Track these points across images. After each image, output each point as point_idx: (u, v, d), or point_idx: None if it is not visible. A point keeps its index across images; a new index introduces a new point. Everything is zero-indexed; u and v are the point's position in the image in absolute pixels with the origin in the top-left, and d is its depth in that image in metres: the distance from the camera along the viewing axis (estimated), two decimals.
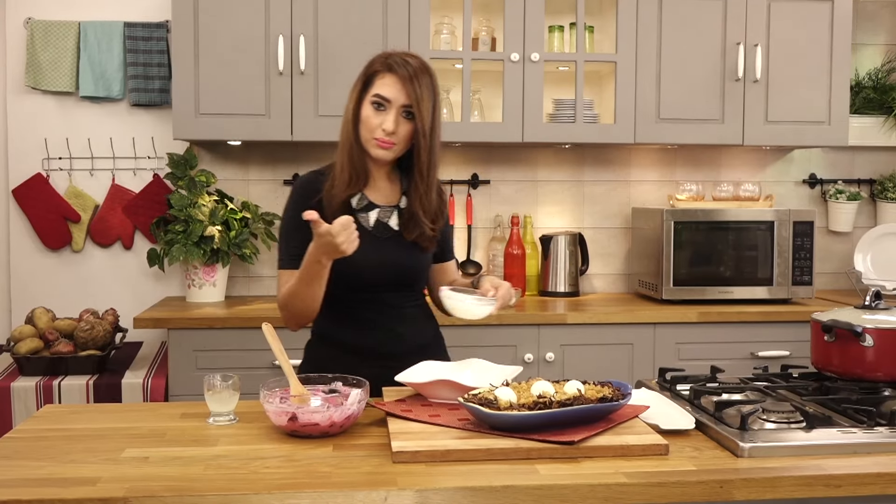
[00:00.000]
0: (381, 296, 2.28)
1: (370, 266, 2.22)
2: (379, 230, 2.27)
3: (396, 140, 2.19)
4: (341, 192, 2.22)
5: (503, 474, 1.56)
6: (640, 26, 3.81)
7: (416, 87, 2.16)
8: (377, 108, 2.18)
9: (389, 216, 2.28)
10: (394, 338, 2.29)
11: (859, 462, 1.63)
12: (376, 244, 2.24)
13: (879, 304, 2.10)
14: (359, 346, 2.27)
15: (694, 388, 2.00)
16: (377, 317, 2.28)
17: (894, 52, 4.44)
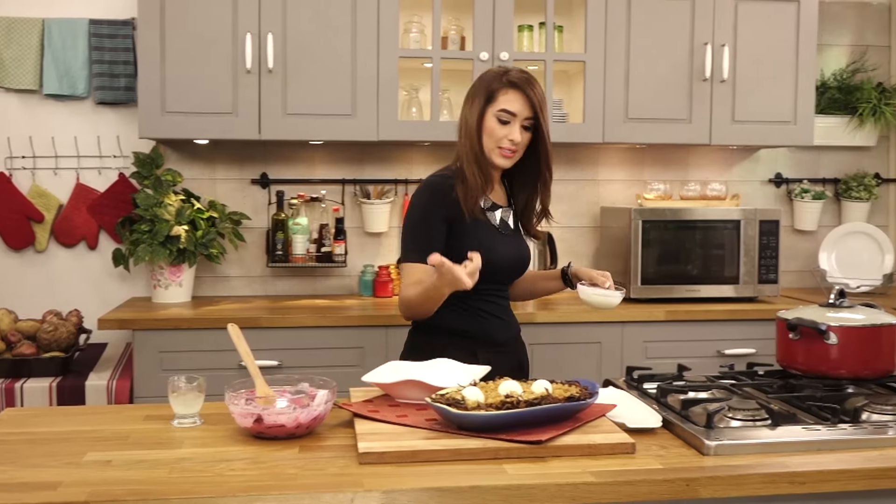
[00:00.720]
0: (497, 287, 2.50)
1: (507, 260, 2.47)
2: (503, 227, 2.48)
3: (518, 149, 2.41)
4: (476, 196, 2.41)
5: (471, 474, 1.55)
6: (608, 26, 3.82)
7: (537, 100, 2.37)
8: (502, 122, 2.37)
9: (508, 216, 2.51)
10: (503, 326, 2.51)
11: (823, 459, 1.64)
12: (505, 240, 2.47)
13: (843, 303, 2.12)
14: (476, 332, 2.44)
15: (661, 387, 2.01)
16: (491, 306, 2.48)
17: (859, 53, 4.49)
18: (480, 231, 2.41)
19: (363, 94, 3.68)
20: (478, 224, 2.41)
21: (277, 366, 3.39)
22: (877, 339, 2.03)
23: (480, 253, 2.21)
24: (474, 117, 2.40)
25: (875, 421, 1.82)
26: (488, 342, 2.45)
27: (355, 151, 4.09)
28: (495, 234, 2.44)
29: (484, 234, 2.41)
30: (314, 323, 3.45)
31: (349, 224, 4.07)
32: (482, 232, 2.41)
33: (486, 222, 2.43)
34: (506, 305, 2.56)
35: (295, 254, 3.91)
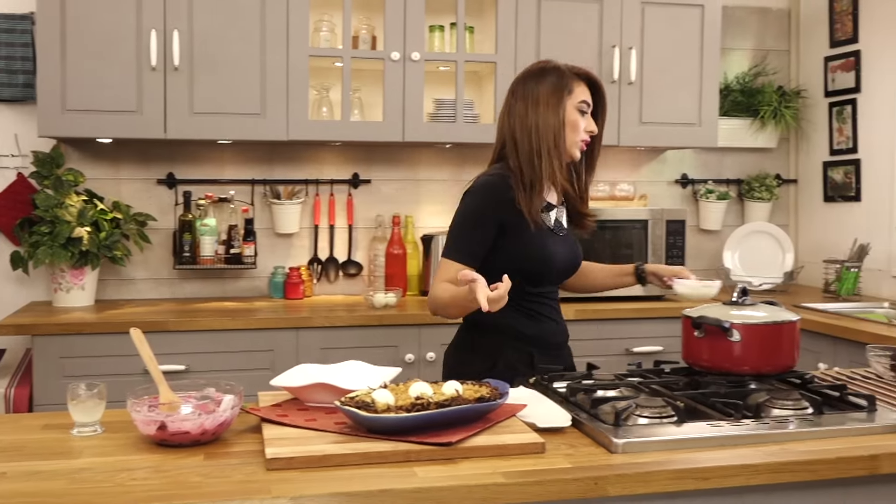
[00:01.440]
0: (552, 288, 2.49)
1: (564, 262, 2.45)
2: (557, 228, 2.45)
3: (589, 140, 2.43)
4: (546, 196, 2.39)
5: (380, 478, 1.54)
6: (518, 28, 3.85)
7: (604, 93, 2.47)
8: (581, 115, 2.39)
9: (561, 215, 2.49)
10: (557, 329, 2.49)
11: (727, 454, 1.67)
12: (560, 241, 2.44)
13: (746, 301, 2.17)
14: (532, 335, 2.42)
15: (570, 386, 2.02)
16: (547, 309, 2.46)
17: (760, 57, 4.62)
18: (540, 233, 2.36)
19: (273, 93, 3.63)
20: (539, 227, 2.35)
21: (185, 370, 3.32)
22: (778, 335, 2.08)
23: (538, 256, 2.33)
24: (559, 115, 2.34)
25: (776, 416, 1.86)
26: (544, 345, 2.44)
27: (265, 151, 4.04)
28: (551, 236, 2.41)
29: (541, 237, 2.36)
30: (223, 326, 3.39)
31: (259, 225, 4.01)
32: (539, 235, 2.36)
33: (542, 223, 2.38)
34: (558, 308, 2.52)
35: (203, 255, 3.84)
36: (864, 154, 4.26)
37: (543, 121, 2.34)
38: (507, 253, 2.34)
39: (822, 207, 4.53)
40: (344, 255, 4.15)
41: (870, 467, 1.67)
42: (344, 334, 3.48)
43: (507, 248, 2.34)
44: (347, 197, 4.13)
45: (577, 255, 2.52)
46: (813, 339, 3.40)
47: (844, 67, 4.35)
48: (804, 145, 4.64)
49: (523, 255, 2.34)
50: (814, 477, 1.64)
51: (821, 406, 1.90)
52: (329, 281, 4.13)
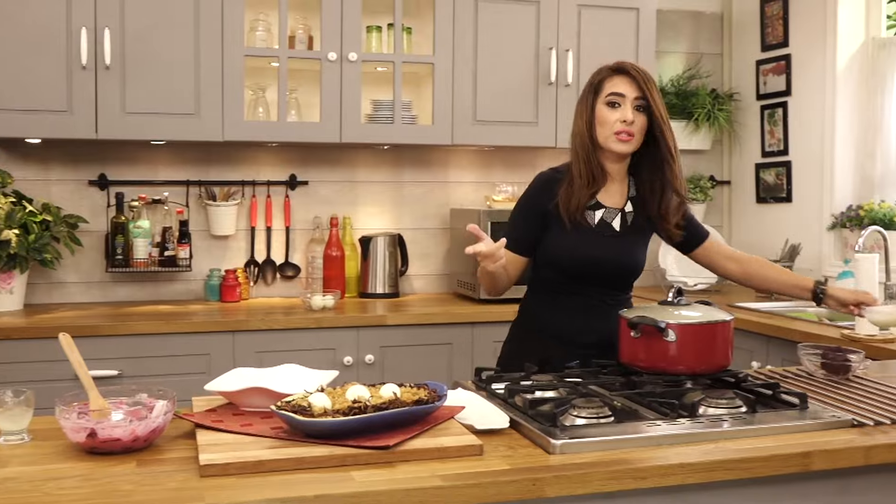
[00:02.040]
0: (590, 289, 2.47)
1: (586, 259, 2.44)
2: (601, 228, 2.45)
3: (635, 130, 2.38)
4: (582, 193, 2.42)
5: (317, 483, 1.52)
6: (456, 29, 3.85)
7: (643, 79, 2.38)
8: (612, 107, 2.38)
9: (614, 217, 2.47)
10: (586, 328, 2.46)
11: (663, 453, 1.68)
12: (595, 241, 2.44)
13: (681, 301, 2.19)
14: (559, 329, 2.49)
15: (509, 387, 2.02)
16: (577, 305, 2.47)
17: (694, 60, 4.69)
18: (573, 230, 2.43)
19: (207, 93, 3.57)
20: (575, 224, 2.42)
21: (117, 375, 3.26)
22: (712, 335, 2.11)
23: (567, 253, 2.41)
24: (585, 114, 2.43)
25: (711, 415, 1.88)
26: (570, 342, 2.46)
27: (200, 152, 3.98)
28: (586, 234, 2.43)
29: (574, 233, 2.43)
30: (157, 330, 3.33)
31: (194, 227, 3.95)
32: (573, 231, 2.43)
33: (582, 221, 2.42)
34: (600, 308, 2.47)
35: (136, 258, 3.77)
36: (794, 156, 4.35)
37: (576, 125, 2.47)
38: (544, 245, 2.47)
39: (755, 208, 4.61)
40: (281, 257, 4.11)
41: (802, 464, 1.70)
42: (281, 337, 3.44)
43: (545, 241, 2.46)
44: (284, 198, 4.09)
45: (614, 261, 2.46)
46: (746, 338, 3.45)
47: (775, 71, 4.43)
48: (737, 147, 4.72)
49: (554, 250, 2.45)
50: (748, 475, 1.66)
51: (754, 405, 1.92)
52: (266, 283, 4.08)
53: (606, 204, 2.48)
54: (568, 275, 2.47)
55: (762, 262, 2.65)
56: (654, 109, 2.38)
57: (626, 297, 2.57)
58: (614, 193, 2.50)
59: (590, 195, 2.44)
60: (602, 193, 2.48)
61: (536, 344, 2.50)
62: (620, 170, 2.49)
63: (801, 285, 2.56)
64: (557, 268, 2.47)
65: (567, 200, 2.42)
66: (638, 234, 2.51)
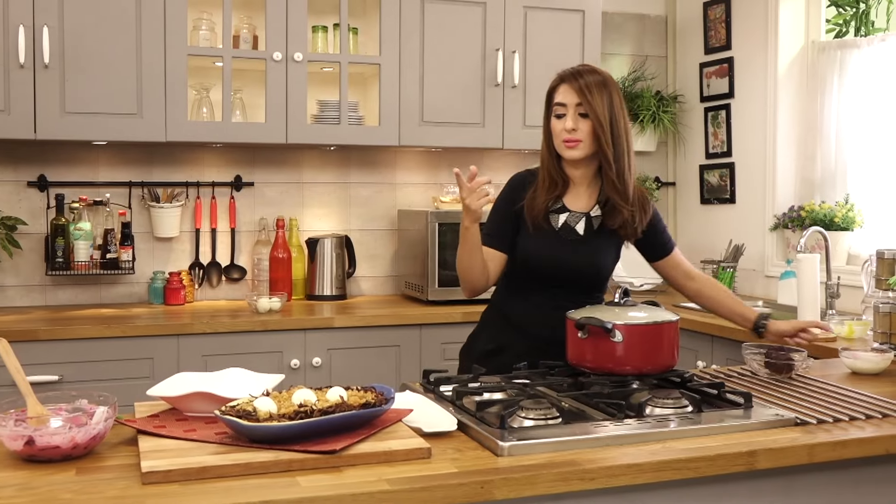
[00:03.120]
0: (556, 290, 2.49)
1: (547, 262, 2.47)
2: (564, 232, 2.48)
3: (580, 137, 2.40)
4: (543, 197, 2.47)
5: (262, 489, 1.49)
6: (402, 30, 3.84)
7: (582, 86, 2.39)
8: (558, 117, 2.43)
9: (578, 221, 2.49)
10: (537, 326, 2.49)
11: (611, 454, 1.69)
12: (556, 244, 2.47)
13: (628, 301, 2.20)
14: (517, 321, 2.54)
15: (456, 389, 2.02)
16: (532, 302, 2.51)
17: (639, 63, 4.73)
18: (536, 233, 2.47)
19: (150, 93, 3.51)
20: (537, 226, 2.47)
21: (58, 381, 3.19)
22: (658, 335, 2.12)
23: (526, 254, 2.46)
24: (544, 124, 2.50)
25: (658, 415, 1.89)
26: (536, 336, 2.49)
27: (142, 153, 3.91)
28: (548, 237, 2.47)
29: (536, 235, 2.47)
30: (99, 334, 3.27)
31: (137, 229, 3.88)
32: (537, 233, 2.47)
33: (544, 224, 2.47)
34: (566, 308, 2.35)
35: (77, 261, 3.69)
36: (738, 158, 4.41)
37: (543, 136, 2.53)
38: (516, 244, 2.51)
39: (699, 209, 4.67)
40: (227, 259, 4.05)
41: (747, 463, 1.71)
42: (227, 340, 3.40)
43: (516, 240, 2.51)
44: (230, 200, 4.04)
45: (575, 265, 2.47)
46: (691, 338, 3.49)
47: (719, 73, 4.49)
48: (681, 149, 4.77)
49: (519, 250, 2.50)
50: (695, 474, 1.67)
51: (700, 404, 1.94)
52: (211, 286, 4.03)
53: (571, 208, 2.50)
54: (533, 275, 2.51)
55: (716, 286, 2.65)
56: (590, 116, 2.39)
57: (596, 299, 2.53)
58: (581, 197, 2.51)
59: (552, 199, 2.48)
60: (568, 197, 2.51)
61: (501, 332, 2.57)
62: (585, 174, 2.49)
63: (745, 315, 2.57)
64: (524, 268, 2.51)
65: (530, 204, 2.48)
66: (604, 239, 2.50)
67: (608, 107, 2.40)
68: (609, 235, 2.51)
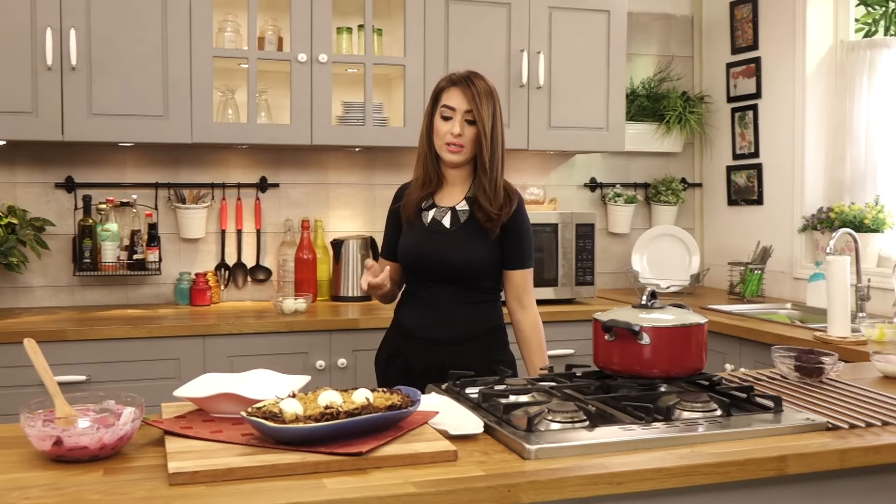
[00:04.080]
0: (437, 287, 2.58)
1: (416, 256, 2.59)
2: (433, 226, 2.58)
3: (464, 142, 2.52)
4: (415, 194, 2.60)
5: (288, 491, 1.49)
6: (427, 31, 3.83)
7: (474, 94, 2.50)
8: (445, 119, 2.52)
9: (444, 215, 2.59)
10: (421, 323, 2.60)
11: (639, 458, 1.67)
12: (425, 238, 2.58)
13: (655, 304, 2.18)
14: (408, 326, 2.64)
15: (482, 392, 2.00)
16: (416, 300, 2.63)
17: (665, 63, 4.70)
18: (410, 230, 2.61)
19: (176, 95, 3.53)
20: (410, 223, 2.61)
21: (85, 381, 3.20)
22: (686, 338, 2.10)
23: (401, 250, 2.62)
24: (425, 121, 2.59)
25: (686, 418, 1.87)
26: (421, 338, 2.60)
27: (169, 154, 3.93)
28: (419, 232, 2.59)
29: (410, 232, 2.61)
30: (126, 334, 3.28)
31: (163, 230, 3.90)
32: (410, 230, 2.61)
33: (415, 220, 2.60)
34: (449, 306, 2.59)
35: (104, 261, 3.71)
36: (765, 158, 4.37)
37: (422, 126, 2.63)
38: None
39: (726, 211, 4.63)
40: (252, 260, 4.06)
41: (778, 468, 1.69)
42: (252, 341, 3.41)
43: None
44: (255, 201, 4.05)
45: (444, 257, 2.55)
46: (719, 341, 3.46)
47: (746, 73, 4.45)
48: (708, 150, 4.74)
49: (398, 249, 2.65)
50: (724, 479, 1.65)
51: (729, 408, 1.92)
52: (237, 287, 4.04)
53: (440, 204, 2.62)
54: (411, 272, 2.64)
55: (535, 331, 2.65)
56: (478, 124, 2.50)
57: (482, 298, 2.62)
58: (451, 194, 2.62)
59: (424, 196, 2.61)
60: (439, 195, 2.63)
61: (396, 337, 2.68)
62: (459, 174, 2.61)
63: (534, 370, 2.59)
64: (404, 266, 2.66)
65: (405, 202, 2.63)
66: (471, 231, 2.56)
67: (492, 116, 2.53)
68: (477, 229, 2.57)
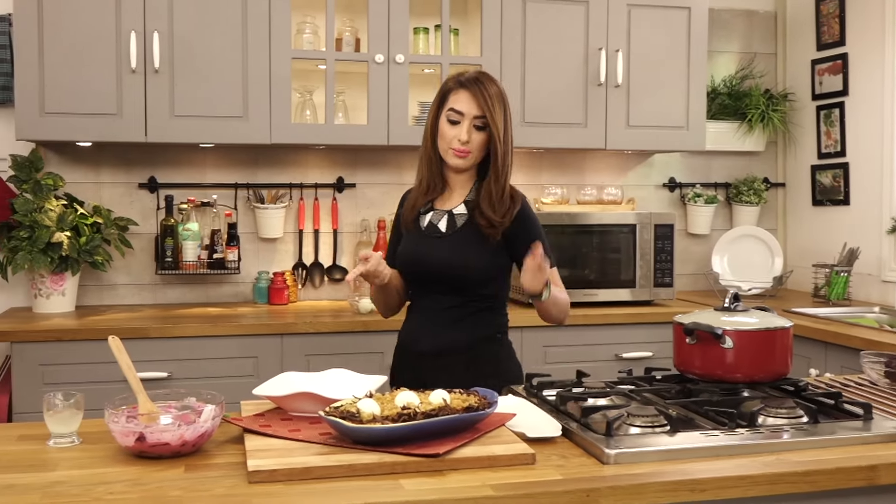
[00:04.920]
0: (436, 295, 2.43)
1: (409, 261, 2.45)
2: (430, 230, 2.45)
3: (472, 148, 2.37)
4: (417, 199, 2.47)
5: (366, 491, 1.49)
6: (504, 30, 3.81)
7: (486, 98, 2.35)
8: (452, 123, 2.37)
9: (440, 219, 2.45)
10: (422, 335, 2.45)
11: (722, 465, 1.63)
12: (422, 242, 2.43)
13: (738, 306, 2.13)
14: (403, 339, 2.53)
15: (560, 394, 1.98)
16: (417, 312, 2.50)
17: (747, 60, 4.59)
18: (407, 235, 2.49)
19: (255, 96, 3.57)
20: (408, 229, 2.49)
21: (167, 377, 3.26)
22: (771, 342, 2.05)
23: (400, 256, 2.46)
24: (429, 121, 2.44)
25: (770, 425, 1.82)
26: (404, 349, 2.50)
27: (248, 155, 3.98)
28: (417, 237, 2.46)
29: (408, 238, 2.48)
30: (206, 332, 3.33)
31: (242, 229, 3.96)
32: (408, 235, 2.48)
33: (413, 226, 2.48)
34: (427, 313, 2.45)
35: (185, 261, 3.78)
36: (852, 157, 4.24)
37: (425, 126, 2.47)
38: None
39: (811, 211, 4.51)
40: (329, 259, 4.10)
41: (868, 478, 1.63)
42: (329, 340, 3.43)
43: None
44: (332, 201, 4.08)
45: (440, 261, 2.38)
46: (804, 345, 3.36)
47: (832, 70, 4.33)
48: (792, 149, 4.62)
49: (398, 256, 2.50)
50: (812, 488, 1.60)
51: (816, 414, 1.86)
52: (314, 286, 4.07)
53: (438, 207, 2.48)
54: (410, 280, 2.50)
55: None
56: (492, 130, 2.35)
57: (479, 307, 2.44)
58: (451, 198, 2.48)
59: (425, 200, 2.47)
60: (440, 199, 2.48)
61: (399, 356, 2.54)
62: (462, 178, 2.46)
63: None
64: (402, 273, 2.50)
65: (405, 208, 2.51)
66: (470, 236, 2.39)
67: (504, 121, 2.38)
68: (475, 234, 2.39)
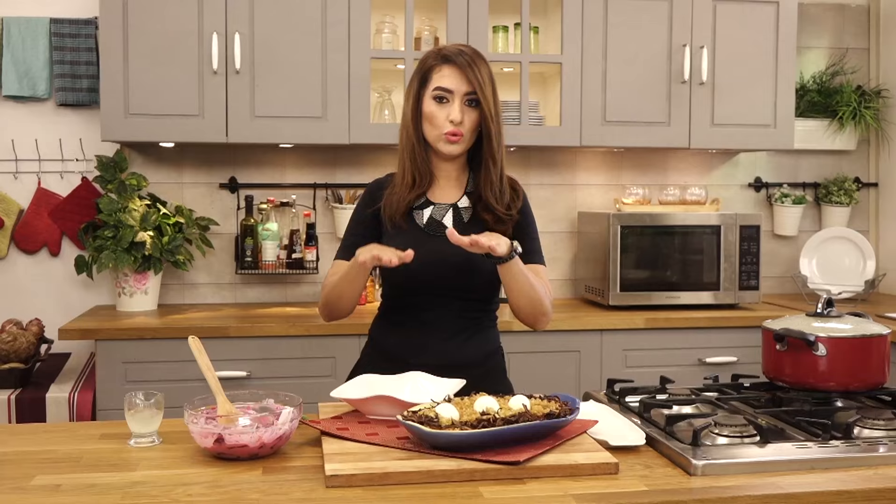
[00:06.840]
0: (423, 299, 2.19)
1: (422, 262, 2.06)
2: (431, 227, 2.20)
3: (464, 130, 2.14)
4: (405, 196, 2.19)
5: (445, 498, 1.46)
6: (585, 27, 3.75)
7: (475, 72, 2.12)
8: (440, 102, 2.13)
9: (444, 214, 2.22)
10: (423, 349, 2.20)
11: (817, 479, 1.56)
12: (422, 241, 2.14)
13: (831, 312, 2.04)
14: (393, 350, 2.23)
15: (644, 401, 1.92)
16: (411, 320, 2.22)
17: (838, 56, 4.44)
18: (397, 234, 2.18)
19: (334, 96, 3.58)
20: (398, 227, 2.19)
21: (246, 377, 3.29)
22: (867, 350, 1.96)
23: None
24: (410, 105, 2.18)
25: (867, 437, 1.74)
26: (402, 363, 2.15)
27: (326, 155, 3.99)
28: (412, 235, 2.17)
29: (398, 238, 2.16)
30: (284, 332, 3.35)
31: (321, 229, 3.97)
32: (398, 235, 2.17)
33: (404, 223, 2.19)
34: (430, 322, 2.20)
35: (265, 260, 3.80)
36: None
37: (404, 113, 2.21)
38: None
39: None
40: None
41: None
42: None
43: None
44: None
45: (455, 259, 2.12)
46: None
47: None
48: (885, 147, 4.45)
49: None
50: None
51: None
52: None
53: (436, 201, 2.23)
54: (399, 284, 2.21)
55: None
56: (483, 107, 2.12)
57: (483, 316, 2.28)
58: (447, 189, 2.24)
59: (414, 197, 2.20)
60: (432, 190, 2.23)
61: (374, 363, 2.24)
62: (454, 167, 2.23)
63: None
64: (391, 280, 2.21)
65: (388, 201, 2.20)
66: (479, 232, 2.05)
67: (493, 97, 2.15)
68: (484, 229, 2.15)
